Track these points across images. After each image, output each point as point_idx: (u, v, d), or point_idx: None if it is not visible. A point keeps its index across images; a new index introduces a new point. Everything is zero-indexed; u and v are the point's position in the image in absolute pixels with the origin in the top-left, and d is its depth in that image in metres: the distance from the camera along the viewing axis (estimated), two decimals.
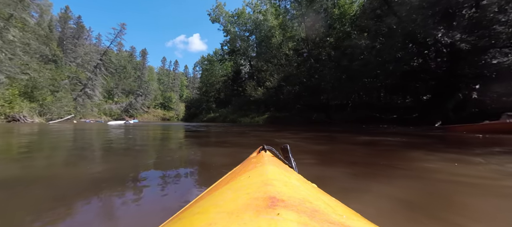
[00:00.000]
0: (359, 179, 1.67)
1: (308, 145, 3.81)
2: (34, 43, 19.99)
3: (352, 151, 3.19)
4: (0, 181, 1.58)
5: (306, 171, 1.18)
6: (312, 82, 11.91)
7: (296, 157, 0.72)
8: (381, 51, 7.78)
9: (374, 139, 4.60)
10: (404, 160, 2.43)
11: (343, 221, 0.26)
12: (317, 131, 7.24)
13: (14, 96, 17.51)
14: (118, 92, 51.55)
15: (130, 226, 0.94)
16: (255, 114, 22.71)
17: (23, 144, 3.98)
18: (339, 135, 5.58)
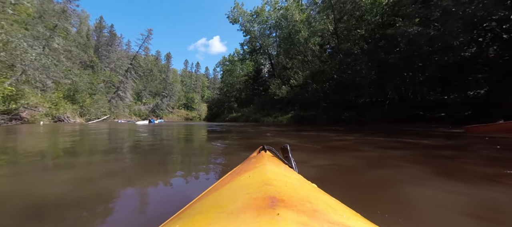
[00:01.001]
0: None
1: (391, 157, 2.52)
2: (75, 50, 22.02)
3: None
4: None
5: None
6: (344, 78, 11.08)
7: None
8: (434, 39, 6.78)
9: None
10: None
11: (343, 221, 0.26)
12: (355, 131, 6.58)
13: (59, 99, 19.37)
14: (146, 94, 54.78)
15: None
16: (278, 113, 22.20)
17: (92, 137, 4.85)
18: (397, 139, 4.45)
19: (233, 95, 38.35)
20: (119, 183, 1.56)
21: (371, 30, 12.33)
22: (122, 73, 39.25)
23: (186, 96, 67.80)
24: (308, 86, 17.01)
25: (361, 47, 11.66)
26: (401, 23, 8.33)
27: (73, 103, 21.90)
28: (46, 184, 1.51)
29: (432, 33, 6.77)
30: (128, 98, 39.05)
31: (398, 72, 10.17)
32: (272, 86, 18.73)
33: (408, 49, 8.36)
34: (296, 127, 10.29)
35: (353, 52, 11.97)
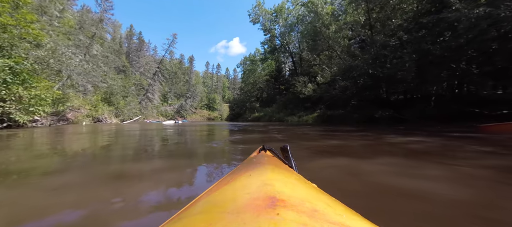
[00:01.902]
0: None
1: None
2: (111, 56, 23.87)
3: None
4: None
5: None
6: (383, 72, 10.11)
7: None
8: (502, 21, 5.68)
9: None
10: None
11: (342, 221, 0.26)
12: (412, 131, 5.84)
13: (98, 101, 21.06)
14: (171, 95, 57.51)
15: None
16: (302, 112, 21.50)
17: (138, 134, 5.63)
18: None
19: (254, 95, 38.32)
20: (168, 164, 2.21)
21: (411, 18, 11.09)
22: (150, 76, 41.65)
23: (208, 97, 69.81)
24: (336, 83, 16.07)
25: (399, 37, 10.54)
26: (459, 4, 7.22)
27: (109, 105, 23.70)
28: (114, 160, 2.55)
29: (503, 15, 5.66)
30: (156, 100, 41.32)
31: (447, 63, 8.95)
32: (298, 84, 18.08)
33: (465, 35, 7.21)
34: (329, 127, 9.67)
35: (391, 44, 10.88)
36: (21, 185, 1.59)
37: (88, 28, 21.34)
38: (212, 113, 66.01)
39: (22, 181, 1.71)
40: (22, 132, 6.93)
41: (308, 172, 1.79)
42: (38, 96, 9.12)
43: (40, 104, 9.17)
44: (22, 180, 1.72)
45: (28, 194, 1.36)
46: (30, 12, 10.30)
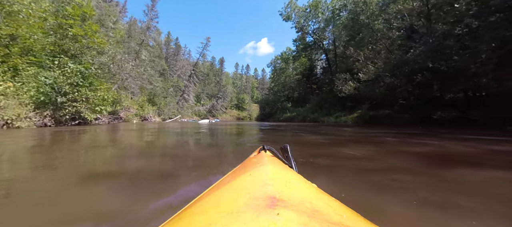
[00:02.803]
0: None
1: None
2: (157, 60, 26.12)
3: None
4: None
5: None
6: (449, 66, 8.68)
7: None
8: None
9: None
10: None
11: (343, 221, 0.26)
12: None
13: (144, 102, 23.15)
14: (203, 96, 60.45)
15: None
16: (340, 112, 20.17)
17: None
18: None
19: (285, 94, 37.63)
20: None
21: (477, 1, 9.23)
22: (186, 78, 44.38)
23: (237, 97, 71.40)
24: (381, 81, 14.59)
25: (467, 24, 8.90)
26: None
27: (152, 105, 25.89)
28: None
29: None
30: (191, 100, 43.85)
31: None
32: (337, 82, 16.97)
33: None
34: (380, 129, 8.72)
35: (455, 33, 9.28)
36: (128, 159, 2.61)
37: (137, 36, 23.68)
38: (241, 113, 67.29)
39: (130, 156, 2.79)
40: (92, 128, 7.92)
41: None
42: (101, 97, 10.30)
43: (103, 104, 10.34)
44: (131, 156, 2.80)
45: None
46: (94, 23, 11.71)
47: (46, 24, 10.04)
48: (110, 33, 20.48)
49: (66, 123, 8.85)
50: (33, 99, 7.88)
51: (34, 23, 9.67)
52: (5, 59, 8.14)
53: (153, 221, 0.96)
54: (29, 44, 9.05)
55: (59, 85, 8.43)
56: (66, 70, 8.82)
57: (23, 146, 3.46)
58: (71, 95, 8.73)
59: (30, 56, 8.99)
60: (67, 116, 8.77)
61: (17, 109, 7.11)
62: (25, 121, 7.17)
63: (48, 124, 8.03)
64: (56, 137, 4.84)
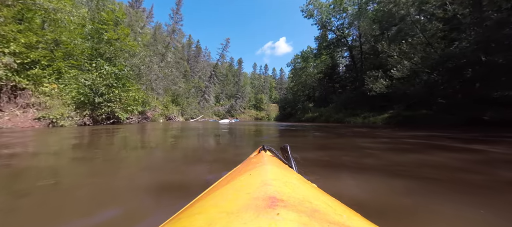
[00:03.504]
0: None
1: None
2: (181, 62, 27.10)
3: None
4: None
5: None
6: (508, 58, 7.50)
7: None
8: None
9: None
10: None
11: (343, 221, 0.26)
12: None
13: (168, 102, 24.05)
14: (223, 96, 61.47)
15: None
16: (368, 113, 18.90)
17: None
18: None
19: (305, 94, 36.59)
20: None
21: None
22: (207, 79, 45.42)
23: (255, 97, 71.47)
24: (419, 77, 13.29)
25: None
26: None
27: (176, 105, 26.83)
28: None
29: None
30: (212, 100, 44.77)
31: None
32: (368, 80, 15.90)
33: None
34: (422, 131, 7.85)
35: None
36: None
37: (163, 39, 24.71)
38: (259, 113, 67.19)
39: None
40: (127, 126, 8.29)
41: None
42: (132, 97, 10.74)
43: (135, 104, 10.78)
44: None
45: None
46: (126, 27, 12.28)
47: (84, 30, 10.76)
48: (138, 37, 21.62)
49: (102, 122, 9.34)
50: (74, 99, 8.43)
51: (74, 30, 10.41)
52: (51, 63, 8.82)
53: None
54: (70, 49, 9.75)
55: (97, 86, 8.92)
56: (102, 72, 9.32)
57: (88, 141, 3.99)
58: (107, 95, 9.19)
59: (71, 60, 9.68)
60: (103, 115, 9.26)
61: (61, 109, 7.62)
62: (68, 120, 7.66)
63: (87, 123, 8.52)
64: (104, 135, 5.24)
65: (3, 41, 6.79)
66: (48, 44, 8.79)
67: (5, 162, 2.20)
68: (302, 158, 2.23)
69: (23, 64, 7.54)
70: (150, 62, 15.65)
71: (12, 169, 1.97)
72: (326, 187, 1.24)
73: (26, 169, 1.95)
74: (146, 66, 14.34)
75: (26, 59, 7.53)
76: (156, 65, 18.14)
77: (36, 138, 4.32)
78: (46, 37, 8.53)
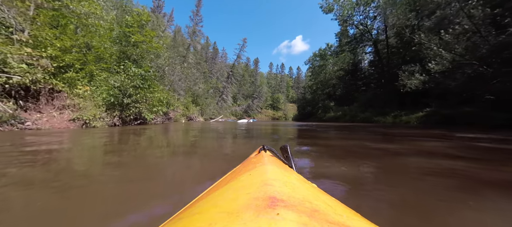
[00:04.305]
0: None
1: None
2: (202, 63, 27.57)
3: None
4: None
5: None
6: None
7: None
8: None
9: None
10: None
11: (343, 221, 0.26)
12: None
13: (189, 103, 24.47)
14: (239, 97, 61.73)
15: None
16: (399, 111, 17.43)
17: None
18: None
19: (325, 92, 35.15)
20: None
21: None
22: (224, 80, 45.84)
23: (272, 97, 70.74)
24: (460, 70, 11.82)
25: None
26: None
27: (196, 105, 27.27)
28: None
29: None
30: (229, 101, 45.08)
31: None
32: (403, 75, 14.59)
33: None
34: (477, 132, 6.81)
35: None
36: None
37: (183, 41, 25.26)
38: (276, 113, 66.40)
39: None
40: (154, 127, 8.36)
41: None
42: (157, 98, 10.87)
43: (160, 105, 10.90)
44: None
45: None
46: (151, 29, 12.50)
47: (113, 34, 11.13)
48: (160, 41, 22.30)
49: (130, 123, 9.53)
50: (104, 101, 8.66)
51: (104, 34, 10.81)
52: (83, 66, 9.19)
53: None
54: (101, 52, 10.11)
55: (125, 88, 9.11)
56: (130, 74, 9.51)
57: (133, 141, 4.19)
58: (134, 96, 9.35)
59: (102, 63, 10.02)
60: (131, 116, 9.44)
61: (93, 110, 7.84)
62: (99, 121, 7.86)
63: (116, 124, 8.72)
64: (141, 134, 5.35)
65: (41, 46, 7.11)
66: (81, 48, 9.16)
67: (65, 156, 2.46)
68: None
69: (59, 67, 7.87)
70: (173, 63, 15.94)
71: (73, 166, 2.11)
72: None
73: (87, 166, 2.14)
74: (169, 67, 14.59)
75: (62, 63, 7.85)
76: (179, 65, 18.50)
77: (80, 138, 4.32)
78: (79, 41, 8.89)
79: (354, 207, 0.38)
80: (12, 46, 5.88)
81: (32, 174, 1.78)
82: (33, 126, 6.04)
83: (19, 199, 1.27)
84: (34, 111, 6.76)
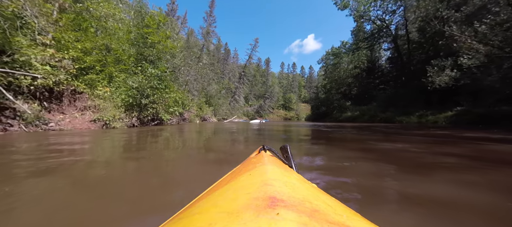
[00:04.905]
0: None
1: None
2: (216, 64, 27.70)
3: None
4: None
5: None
6: None
7: None
8: None
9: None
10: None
11: (343, 221, 0.26)
12: None
13: (202, 103, 24.58)
14: (251, 97, 61.57)
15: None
16: (424, 110, 16.26)
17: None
18: None
19: (340, 91, 33.96)
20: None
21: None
22: (236, 80, 45.87)
23: (283, 97, 69.85)
24: (500, 62, 10.69)
25: None
26: None
27: (209, 106, 27.37)
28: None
29: None
30: (242, 101, 45.03)
31: None
32: (431, 70, 13.55)
33: None
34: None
35: None
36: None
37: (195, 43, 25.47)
38: (288, 113, 65.46)
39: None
40: (172, 127, 8.28)
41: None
42: (173, 99, 10.83)
43: (176, 106, 10.86)
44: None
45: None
46: (166, 29, 12.53)
47: (131, 36, 11.27)
48: (175, 43, 22.60)
49: (148, 124, 9.54)
50: (123, 101, 8.71)
51: (122, 37, 10.98)
52: (103, 68, 9.33)
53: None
54: (119, 54, 10.24)
55: (142, 88, 9.12)
56: (147, 75, 9.53)
57: (155, 141, 4.17)
58: (152, 97, 9.35)
59: (121, 65, 10.14)
60: (149, 117, 9.44)
61: (112, 111, 7.88)
62: (119, 122, 7.89)
63: (135, 125, 8.73)
64: (161, 134, 5.26)
65: (63, 48, 7.23)
66: (101, 50, 9.30)
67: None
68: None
69: (81, 69, 8.00)
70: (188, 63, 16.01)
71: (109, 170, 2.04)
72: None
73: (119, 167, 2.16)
74: (185, 67, 14.65)
75: (83, 65, 7.97)
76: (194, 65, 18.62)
77: (104, 139, 4.22)
78: (98, 43, 9.04)
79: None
80: (35, 47, 5.98)
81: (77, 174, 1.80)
82: (56, 127, 6.10)
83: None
84: (57, 112, 6.86)
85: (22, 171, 1.84)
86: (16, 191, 1.35)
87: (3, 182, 1.51)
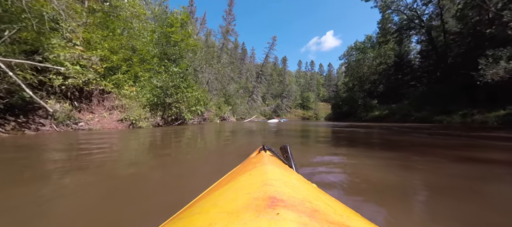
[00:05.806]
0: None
1: None
2: (236, 63, 27.69)
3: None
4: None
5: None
6: None
7: None
8: None
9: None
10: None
11: (343, 221, 0.26)
12: None
13: (222, 103, 24.53)
14: (268, 96, 60.89)
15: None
16: (469, 109, 14.38)
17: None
18: None
19: (365, 89, 31.90)
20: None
21: None
22: (254, 80, 45.56)
23: (301, 96, 68.04)
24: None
25: None
26: None
27: (227, 105, 27.30)
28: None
29: None
30: (259, 101, 44.62)
31: None
32: (484, 62, 11.87)
33: None
34: None
35: None
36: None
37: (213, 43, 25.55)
38: (306, 112, 63.61)
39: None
40: (195, 127, 8.08)
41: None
42: (195, 98, 10.65)
43: (198, 105, 10.68)
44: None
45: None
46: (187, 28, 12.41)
47: (155, 36, 11.33)
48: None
49: (172, 123, 9.43)
50: (148, 101, 8.66)
51: (146, 37, 11.06)
52: (129, 68, 9.41)
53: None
54: (144, 55, 10.30)
55: (166, 87, 9.01)
56: (169, 73, 9.42)
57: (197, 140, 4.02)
58: (175, 96, 9.21)
59: (145, 64, 10.19)
60: (173, 116, 9.32)
61: (138, 111, 7.83)
62: (144, 121, 7.81)
63: (159, 124, 8.64)
64: (189, 134, 5.05)
65: (91, 48, 7.30)
66: (126, 50, 9.39)
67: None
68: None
69: (108, 69, 8.07)
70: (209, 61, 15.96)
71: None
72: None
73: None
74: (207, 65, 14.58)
75: (110, 64, 8.02)
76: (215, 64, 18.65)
77: (131, 138, 3.98)
78: (124, 43, 9.11)
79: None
80: (65, 47, 6.01)
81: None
82: (86, 127, 6.09)
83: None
84: (87, 112, 6.91)
85: (57, 168, 1.93)
86: (52, 187, 1.45)
87: (44, 178, 1.63)
